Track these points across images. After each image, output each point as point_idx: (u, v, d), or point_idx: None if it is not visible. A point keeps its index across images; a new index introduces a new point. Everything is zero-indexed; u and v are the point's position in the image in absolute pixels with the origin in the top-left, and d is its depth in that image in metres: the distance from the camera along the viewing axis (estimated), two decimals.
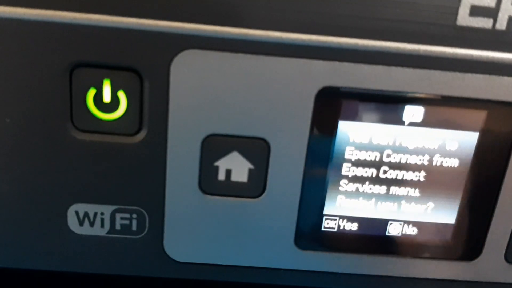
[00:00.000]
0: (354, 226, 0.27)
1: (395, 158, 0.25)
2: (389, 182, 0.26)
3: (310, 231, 0.27)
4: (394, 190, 0.26)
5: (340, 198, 0.26)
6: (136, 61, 0.23)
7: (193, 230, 0.26)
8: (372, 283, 0.28)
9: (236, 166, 0.25)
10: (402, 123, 0.25)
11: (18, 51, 0.22)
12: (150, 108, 0.23)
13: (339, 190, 0.26)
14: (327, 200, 0.26)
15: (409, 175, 0.26)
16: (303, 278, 0.28)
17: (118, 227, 0.26)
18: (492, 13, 0.22)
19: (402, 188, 0.26)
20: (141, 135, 0.24)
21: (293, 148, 0.25)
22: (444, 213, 0.27)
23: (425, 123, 0.25)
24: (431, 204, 0.27)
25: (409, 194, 0.26)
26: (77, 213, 0.25)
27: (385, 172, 0.26)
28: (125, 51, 0.22)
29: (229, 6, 0.22)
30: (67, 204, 0.25)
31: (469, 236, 0.27)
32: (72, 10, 0.22)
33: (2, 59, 0.22)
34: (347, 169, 0.26)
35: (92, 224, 0.26)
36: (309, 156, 0.25)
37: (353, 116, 0.25)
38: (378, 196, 0.26)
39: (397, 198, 0.26)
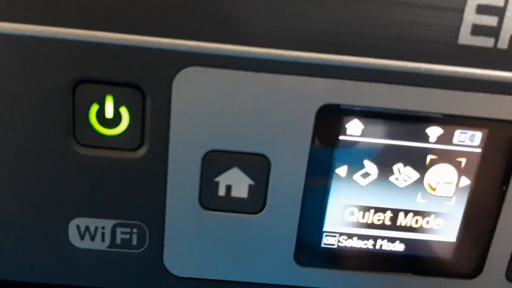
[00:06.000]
0: (354, 243, 0.27)
1: None
2: None
3: (309, 248, 0.27)
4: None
5: (340, 215, 0.26)
6: (139, 78, 0.23)
7: (193, 245, 0.26)
8: None
9: (236, 182, 0.25)
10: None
11: (22, 67, 0.22)
12: (152, 124, 0.24)
13: (339, 206, 0.26)
14: (327, 217, 0.26)
15: None
16: None
17: (118, 241, 0.26)
18: (493, 32, 0.22)
19: None
20: (143, 150, 0.24)
21: (294, 164, 0.25)
22: (445, 231, 0.27)
23: None
24: (432, 221, 0.26)
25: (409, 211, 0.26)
26: (78, 227, 0.26)
27: None
28: (127, 67, 0.23)
29: (230, 24, 0.22)
30: (68, 218, 0.25)
31: (470, 254, 0.27)
32: (75, 27, 0.22)
33: (6, 75, 0.23)
34: None
35: (93, 238, 0.26)
36: (309, 172, 0.25)
37: (354, 134, 0.25)
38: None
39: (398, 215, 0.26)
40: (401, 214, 0.26)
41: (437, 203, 0.26)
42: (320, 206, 0.26)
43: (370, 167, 0.25)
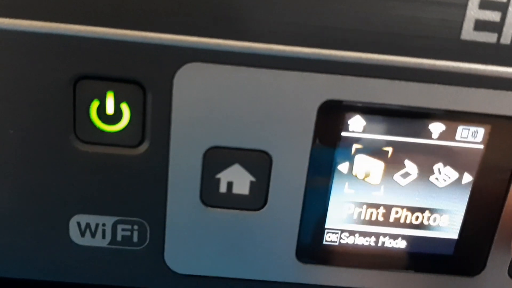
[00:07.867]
0: (356, 240, 0.27)
1: None
2: None
3: (311, 245, 0.26)
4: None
5: (342, 212, 0.26)
6: (140, 74, 0.23)
7: (194, 242, 0.26)
8: None
9: (237, 179, 0.25)
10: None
11: (23, 63, 0.22)
12: (153, 120, 0.24)
13: (341, 203, 0.26)
14: (329, 214, 0.26)
15: None
16: None
17: (119, 238, 0.26)
18: (496, 27, 0.22)
19: None
20: (144, 147, 0.24)
21: (295, 161, 0.24)
22: (447, 228, 0.27)
23: None
24: (434, 218, 0.26)
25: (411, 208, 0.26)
26: (79, 224, 0.25)
27: None
28: (128, 63, 0.22)
29: (232, 20, 0.22)
30: (69, 215, 0.25)
31: (472, 252, 0.27)
32: (76, 23, 0.22)
33: (6, 71, 0.22)
34: None
35: (93, 235, 0.26)
36: (311, 169, 0.25)
37: (356, 130, 0.25)
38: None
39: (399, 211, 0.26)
40: (403, 211, 0.26)
41: (439, 200, 0.26)
42: (322, 203, 0.26)
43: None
